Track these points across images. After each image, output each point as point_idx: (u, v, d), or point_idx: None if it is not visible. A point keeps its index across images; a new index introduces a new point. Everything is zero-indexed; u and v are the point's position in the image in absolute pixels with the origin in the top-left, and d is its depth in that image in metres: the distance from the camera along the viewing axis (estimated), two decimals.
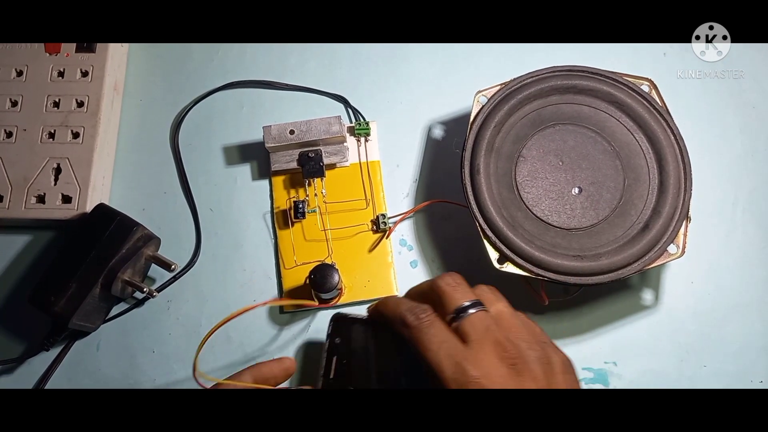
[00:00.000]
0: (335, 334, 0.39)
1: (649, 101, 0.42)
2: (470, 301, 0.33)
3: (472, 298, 0.34)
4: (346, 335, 0.39)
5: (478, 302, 0.34)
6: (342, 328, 0.39)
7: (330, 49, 0.50)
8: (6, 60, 0.48)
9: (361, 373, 0.38)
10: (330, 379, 0.38)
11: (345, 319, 0.40)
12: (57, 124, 0.46)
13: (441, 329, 0.33)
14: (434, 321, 0.33)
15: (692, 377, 0.43)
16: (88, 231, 0.42)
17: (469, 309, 0.33)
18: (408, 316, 0.33)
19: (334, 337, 0.39)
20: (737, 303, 0.44)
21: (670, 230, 0.39)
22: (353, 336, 0.39)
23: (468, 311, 0.33)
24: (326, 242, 0.45)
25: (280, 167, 0.46)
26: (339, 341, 0.39)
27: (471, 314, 0.33)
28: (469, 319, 0.33)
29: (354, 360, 0.38)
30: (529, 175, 0.42)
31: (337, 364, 0.38)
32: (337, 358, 0.38)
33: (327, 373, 0.38)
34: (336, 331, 0.39)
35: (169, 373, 0.44)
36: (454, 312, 0.33)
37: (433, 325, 0.33)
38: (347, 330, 0.39)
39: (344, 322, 0.39)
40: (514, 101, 0.42)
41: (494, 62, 0.50)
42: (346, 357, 0.38)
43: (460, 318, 0.33)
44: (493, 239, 0.40)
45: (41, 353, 0.43)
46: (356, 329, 0.39)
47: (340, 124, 0.45)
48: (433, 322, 0.33)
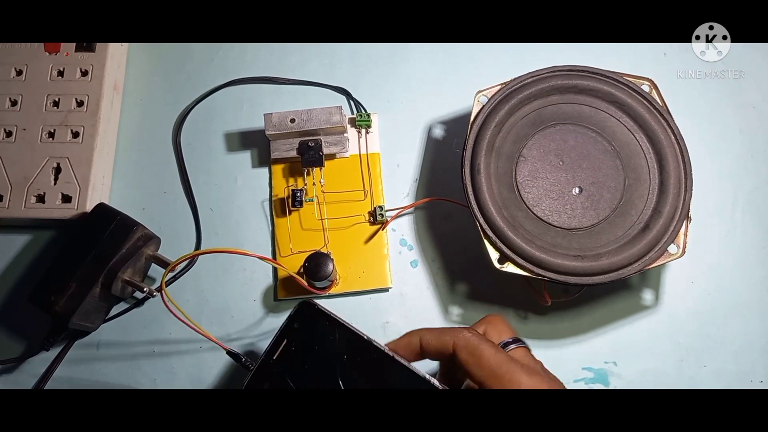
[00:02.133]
0: (296, 319, 0.37)
1: (649, 101, 0.42)
2: (514, 338, 0.35)
3: (517, 336, 0.35)
4: (306, 324, 0.37)
5: (521, 340, 0.35)
6: (305, 316, 0.37)
7: (330, 48, 0.50)
8: (6, 59, 0.47)
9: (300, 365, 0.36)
10: (272, 360, 0.36)
11: (312, 308, 0.37)
12: (57, 123, 0.46)
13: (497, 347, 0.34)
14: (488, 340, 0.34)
15: (692, 377, 0.43)
16: (88, 230, 0.42)
17: (512, 344, 0.35)
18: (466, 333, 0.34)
19: (293, 322, 0.37)
20: (737, 303, 0.44)
21: (671, 230, 0.39)
22: (313, 328, 0.37)
23: (512, 345, 0.35)
24: (323, 232, 0.45)
25: (280, 155, 0.46)
26: (297, 326, 0.36)
27: (515, 348, 0.34)
28: (515, 351, 0.34)
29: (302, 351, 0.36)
30: (530, 174, 0.42)
31: (285, 347, 0.36)
32: (287, 343, 0.36)
33: (271, 353, 0.36)
34: (298, 316, 0.37)
35: (169, 373, 0.44)
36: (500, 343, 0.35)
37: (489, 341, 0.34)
38: (310, 320, 0.37)
39: (311, 311, 0.37)
40: (515, 101, 0.42)
41: (494, 62, 0.50)
42: (296, 345, 0.36)
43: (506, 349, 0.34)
44: (493, 239, 0.40)
45: (41, 353, 0.43)
46: (319, 323, 0.36)
47: (341, 114, 0.45)
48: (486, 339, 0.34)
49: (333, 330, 0.36)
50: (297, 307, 0.37)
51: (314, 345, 0.36)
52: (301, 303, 0.37)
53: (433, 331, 0.35)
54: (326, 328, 0.36)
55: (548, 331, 0.44)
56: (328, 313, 0.37)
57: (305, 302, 0.37)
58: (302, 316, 0.37)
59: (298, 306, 0.37)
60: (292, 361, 0.35)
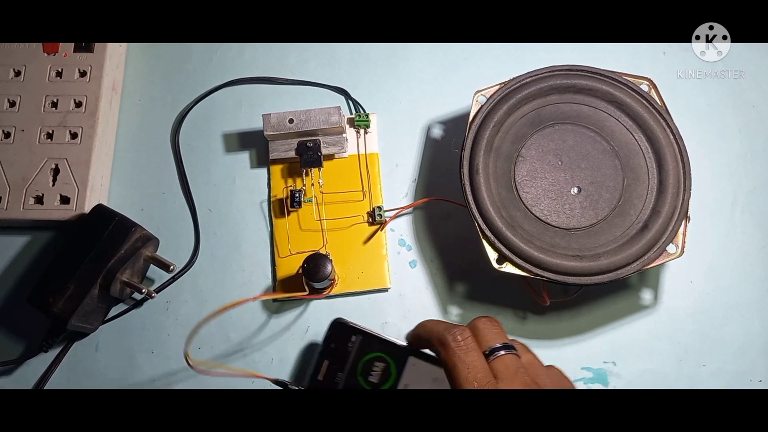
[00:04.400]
0: (332, 340, 0.41)
1: (648, 100, 0.42)
2: (503, 344, 0.34)
3: (506, 341, 0.35)
4: (342, 342, 0.40)
5: (510, 346, 0.34)
6: (340, 335, 0.41)
7: (329, 48, 0.50)
8: (4, 60, 0.47)
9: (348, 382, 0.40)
10: (318, 381, 0.40)
11: (345, 326, 0.41)
12: (55, 124, 0.46)
13: (476, 357, 0.33)
14: (472, 348, 0.33)
15: (691, 377, 0.43)
16: (87, 232, 0.42)
17: (501, 350, 0.34)
18: (447, 335, 0.34)
19: (330, 342, 0.41)
20: (736, 302, 0.44)
21: (669, 230, 0.39)
22: (349, 345, 0.40)
23: (500, 351, 0.34)
24: (321, 232, 0.45)
25: (279, 156, 0.46)
26: (334, 347, 0.40)
27: (503, 355, 0.33)
28: (502, 358, 0.33)
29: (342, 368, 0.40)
30: (528, 174, 0.42)
31: (327, 368, 0.40)
32: (329, 363, 0.40)
33: (315, 374, 0.40)
34: (334, 336, 0.41)
35: (168, 374, 0.43)
36: (488, 349, 0.34)
37: (469, 352, 0.33)
38: (345, 338, 0.41)
39: (344, 329, 0.41)
40: (513, 101, 0.42)
41: (494, 62, 0.50)
42: (337, 363, 0.40)
43: (493, 356, 0.33)
44: (491, 239, 0.40)
45: (40, 354, 0.43)
46: (354, 339, 0.40)
47: (339, 115, 0.45)
48: (470, 348, 0.33)
49: (367, 342, 0.40)
50: (331, 328, 0.41)
51: (352, 360, 0.40)
52: (335, 323, 0.41)
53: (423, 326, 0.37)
54: (360, 344, 0.40)
55: (547, 331, 0.44)
56: (360, 327, 0.41)
57: (338, 322, 0.41)
58: (337, 335, 0.41)
59: (331, 326, 0.41)
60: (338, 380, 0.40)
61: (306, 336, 0.44)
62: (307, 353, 0.44)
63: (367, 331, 0.41)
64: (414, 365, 0.40)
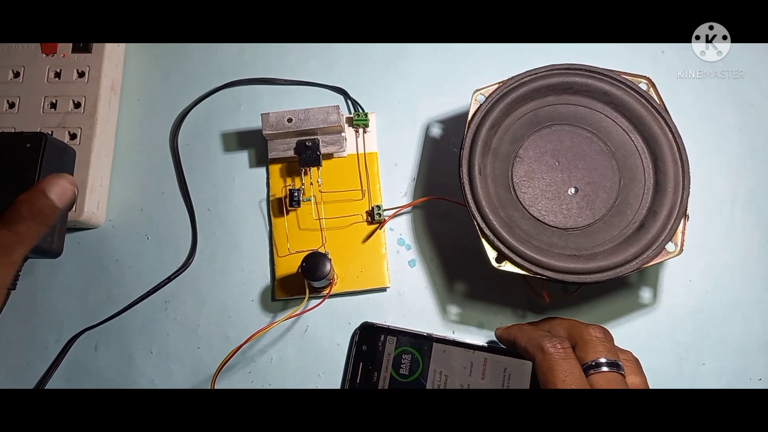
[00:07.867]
0: (362, 342, 0.42)
1: (646, 99, 0.42)
2: (610, 360, 0.33)
3: (614, 358, 0.34)
4: (372, 343, 0.42)
5: (618, 363, 0.34)
6: (369, 337, 0.42)
7: (329, 48, 0.50)
8: (3, 61, 0.48)
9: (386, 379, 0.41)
10: (357, 383, 0.41)
11: (372, 328, 0.42)
12: (54, 125, 0.46)
13: (576, 366, 0.33)
14: (572, 356, 0.33)
15: (691, 376, 0.43)
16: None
17: (605, 366, 0.33)
18: (547, 342, 0.34)
19: (361, 345, 0.42)
20: (736, 301, 0.44)
21: (668, 228, 0.39)
22: (379, 344, 0.42)
23: (604, 368, 0.33)
24: (320, 231, 0.45)
25: (277, 155, 0.46)
26: (366, 348, 0.42)
27: (606, 371, 0.33)
28: (604, 374, 0.33)
29: (379, 367, 0.41)
30: (526, 175, 0.42)
31: (363, 370, 0.41)
32: (363, 365, 0.41)
33: (354, 378, 0.41)
34: (363, 339, 0.42)
35: (167, 374, 0.44)
36: (591, 361, 0.33)
37: (568, 360, 0.33)
38: (374, 339, 0.42)
39: (372, 331, 0.42)
40: (512, 99, 0.42)
41: (494, 62, 0.50)
42: (372, 364, 0.41)
43: (595, 370, 0.33)
44: (491, 238, 0.40)
45: (40, 354, 0.43)
46: (383, 339, 0.42)
47: (338, 114, 0.45)
48: (570, 356, 0.33)
49: (396, 338, 0.41)
50: (359, 331, 0.42)
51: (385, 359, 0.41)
52: (363, 326, 0.43)
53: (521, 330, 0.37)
54: (390, 342, 0.41)
55: None
56: (389, 326, 0.42)
57: (366, 324, 0.43)
58: (366, 337, 0.42)
59: (359, 329, 0.42)
60: (375, 380, 0.41)
61: (306, 336, 0.44)
62: (307, 353, 0.44)
63: (394, 329, 0.42)
64: (444, 351, 0.41)
